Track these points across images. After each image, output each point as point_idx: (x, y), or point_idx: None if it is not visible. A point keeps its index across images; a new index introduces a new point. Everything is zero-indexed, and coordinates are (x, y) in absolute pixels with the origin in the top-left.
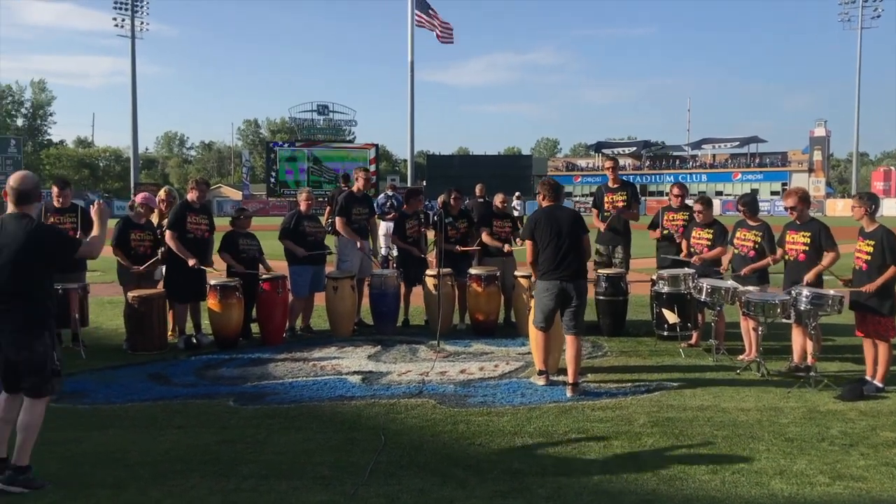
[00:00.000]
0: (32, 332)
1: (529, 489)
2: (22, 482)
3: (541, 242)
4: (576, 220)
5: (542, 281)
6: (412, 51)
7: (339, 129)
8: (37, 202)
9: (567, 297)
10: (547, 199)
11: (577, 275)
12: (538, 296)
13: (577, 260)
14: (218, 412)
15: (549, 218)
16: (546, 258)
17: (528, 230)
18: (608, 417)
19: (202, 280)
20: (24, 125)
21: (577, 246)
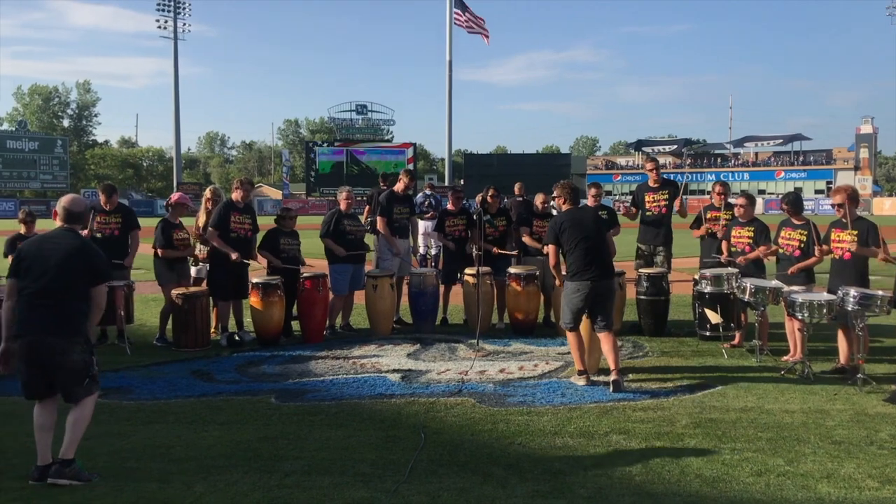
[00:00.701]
0: (69, 338)
1: (570, 489)
2: (69, 474)
3: (567, 245)
4: (598, 219)
5: (573, 282)
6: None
7: (377, 129)
8: (85, 224)
9: (597, 296)
10: (567, 203)
11: (605, 274)
12: (568, 296)
13: (604, 259)
14: (260, 409)
15: (573, 221)
16: (575, 260)
17: (553, 235)
18: (650, 418)
19: (245, 278)
20: (70, 126)
21: (602, 245)
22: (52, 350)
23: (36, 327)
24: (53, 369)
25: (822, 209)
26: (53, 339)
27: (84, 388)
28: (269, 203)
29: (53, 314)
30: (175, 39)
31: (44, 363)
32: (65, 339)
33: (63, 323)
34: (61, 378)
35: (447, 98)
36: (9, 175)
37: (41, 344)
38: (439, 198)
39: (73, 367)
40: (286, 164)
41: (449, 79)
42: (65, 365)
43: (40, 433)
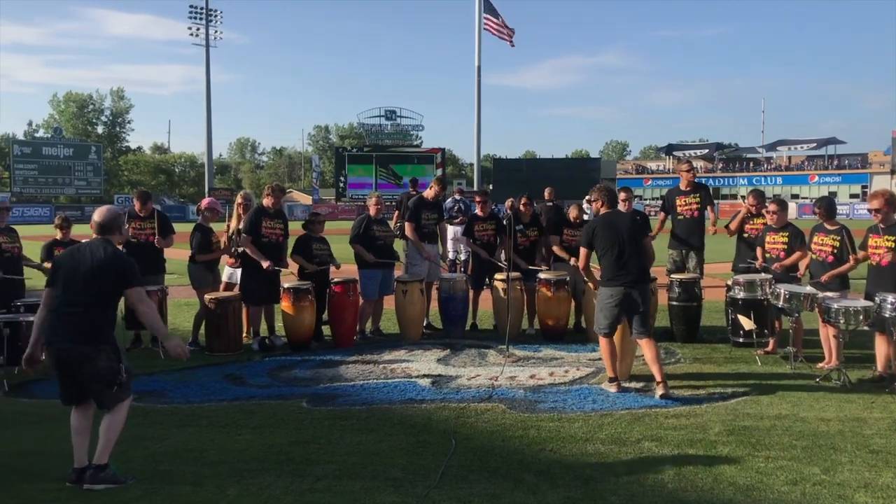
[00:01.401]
0: (95, 346)
1: (602, 496)
2: (103, 479)
3: (600, 249)
4: (634, 224)
5: (606, 287)
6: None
7: (406, 134)
8: (119, 233)
9: (632, 302)
10: (605, 206)
11: (640, 279)
12: (602, 302)
13: (639, 264)
14: (292, 413)
15: (606, 225)
16: (608, 265)
17: (586, 238)
18: (682, 425)
19: (276, 283)
20: (104, 132)
21: (637, 250)
22: (79, 358)
23: (63, 336)
24: (82, 377)
25: (857, 213)
26: (80, 348)
27: (113, 394)
28: (299, 208)
29: (80, 323)
30: (207, 47)
31: (72, 371)
32: (91, 347)
33: (89, 331)
34: (90, 385)
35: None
36: (44, 181)
37: (68, 352)
38: (469, 203)
39: (100, 374)
40: (316, 169)
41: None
42: (92, 372)
43: (77, 437)
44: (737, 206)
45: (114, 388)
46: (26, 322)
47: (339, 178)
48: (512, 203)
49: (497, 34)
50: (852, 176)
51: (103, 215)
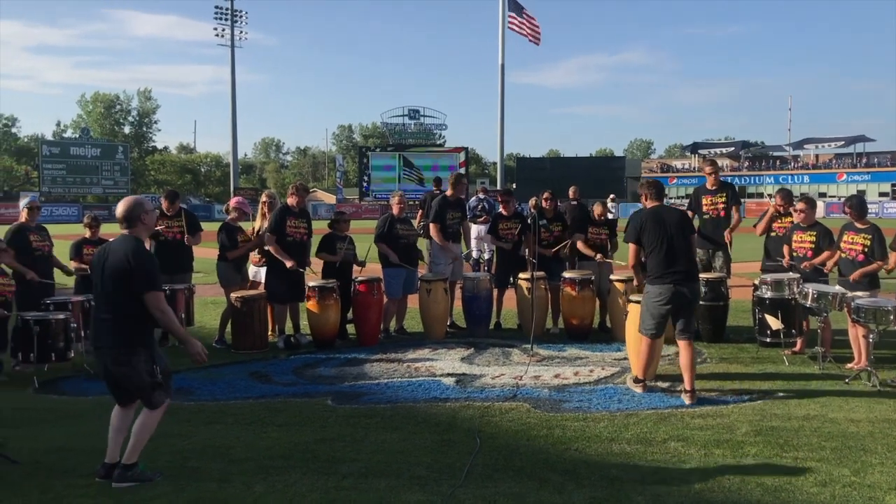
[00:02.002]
0: (130, 348)
1: (628, 496)
2: (130, 478)
3: (649, 245)
4: (683, 220)
5: (654, 286)
6: (503, 53)
7: (429, 133)
8: (142, 222)
9: (681, 301)
10: (651, 200)
11: (690, 277)
12: (648, 301)
13: (689, 261)
14: (317, 410)
15: (656, 219)
16: (656, 261)
17: (634, 233)
18: (709, 425)
19: (301, 282)
20: (131, 132)
21: (687, 246)
22: (115, 360)
23: (99, 339)
24: (118, 379)
25: (886, 212)
26: (113, 352)
27: (154, 395)
28: (322, 207)
29: (111, 325)
30: (232, 47)
31: (110, 372)
32: (124, 351)
33: (120, 336)
34: (129, 388)
35: (499, 102)
36: (72, 181)
37: (106, 354)
38: (493, 202)
39: (134, 377)
40: (340, 168)
41: (501, 83)
42: (126, 375)
43: (114, 433)
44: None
45: (153, 390)
46: (56, 320)
47: (363, 177)
48: (535, 201)
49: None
50: (882, 174)
51: (122, 207)
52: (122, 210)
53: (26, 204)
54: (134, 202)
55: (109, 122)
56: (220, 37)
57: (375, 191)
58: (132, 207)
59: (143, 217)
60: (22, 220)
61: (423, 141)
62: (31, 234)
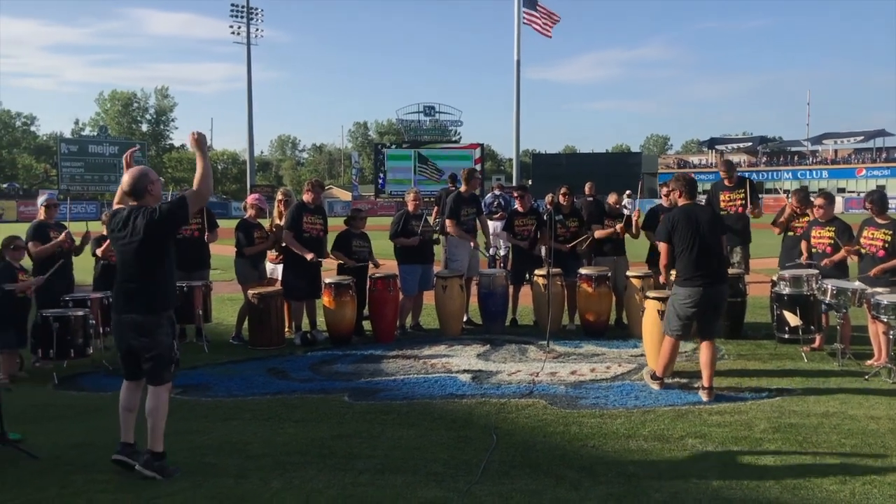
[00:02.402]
0: (154, 320)
1: (645, 493)
2: (156, 468)
3: (680, 245)
4: (715, 220)
5: (683, 287)
6: (518, 49)
7: (444, 130)
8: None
9: (709, 302)
10: (684, 197)
11: (719, 279)
12: (677, 302)
13: (719, 262)
14: (334, 407)
15: (688, 218)
16: (687, 262)
17: (665, 231)
18: (726, 422)
19: (318, 278)
20: (149, 130)
21: (717, 247)
22: (138, 327)
23: (123, 307)
24: (139, 348)
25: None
26: (138, 317)
27: (166, 370)
28: (338, 204)
29: (136, 291)
30: (248, 45)
31: (129, 342)
32: (150, 317)
33: (145, 300)
34: (147, 357)
35: (515, 98)
36: (90, 178)
37: (127, 322)
38: (508, 198)
39: (158, 346)
40: (355, 165)
41: (517, 79)
42: (149, 344)
43: (124, 413)
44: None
45: (163, 363)
46: (75, 317)
47: (378, 174)
48: (552, 197)
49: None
50: None
51: (128, 179)
52: (129, 182)
53: (44, 201)
54: (139, 173)
55: (127, 120)
56: (236, 35)
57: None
58: (138, 179)
59: (149, 188)
60: (41, 218)
61: (439, 138)
62: (51, 230)
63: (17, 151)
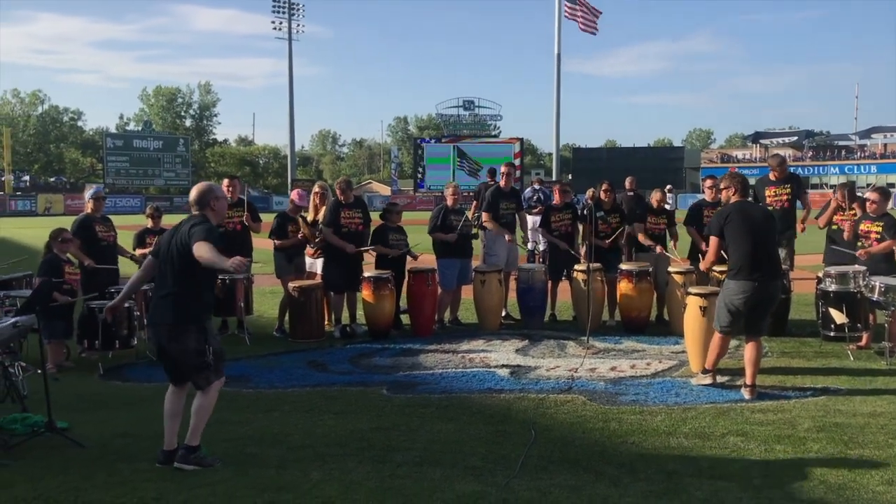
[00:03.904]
0: (183, 325)
1: (686, 490)
2: (194, 460)
3: (731, 240)
4: (768, 217)
5: (735, 281)
6: (559, 42)
7: (484, 124)
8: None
9: (759, 298)
10: (737, 195)
11: (773, 275)
12: (728, 297)
13: (772, 259)
14: (372, 399)
15: (741, 214)
16: (739, 257)
17: (717, 226)
18: (769, 420)
19: (357, 272)
20: (192, 125)
21: (771, 243)
22: (168, 337)
23: (154, 315)
24: (171, 356)
25: None
26: (169, 326)
27: (202, 376)
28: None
29: (168, 301)
30: (290, 40)
31: (164, 349)
32: (179, 327)
33: (175, 309)
34: (179, 364)
35: (555, 91)
36: (135, 173)
37: (161, 330)
38: (548, 192)
39: (186, 354)
40: (395, 160)
41: (557, 72)
42: (179, 351)
43: (168, 419)
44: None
45: (201, 369)
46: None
47: (418, 168)
48: (593, 192)
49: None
50: None
51: (194, 192)
52: (194, 194)
53: (92, 195)
54: (206, 187)
55: (171, 115)
56: (278, 30)
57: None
58: (203, 192)
59: (212, 203)
60: (87, 211)
61: (478, 132)
62: (97, 224)
63: (64, 146)
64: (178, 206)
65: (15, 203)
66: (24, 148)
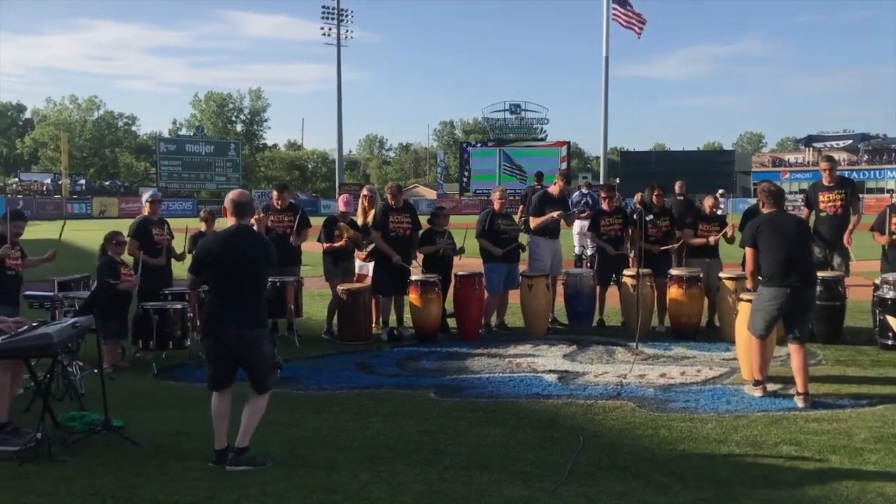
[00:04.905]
0: (260, 331)
1: (737, 499)
2: (245, 461)
3: (764, 249)
4: (801, 226)
5: (768, 287)
6: (607, 46)
7: (530, 128)
8: (249, 217)
9: (794, 305)
10: (768, 206)
11: (807, 282)
12: (762, 303)
13: (807, 266)
14: (420, 402)
15: (772, 224)
16: (772, 264)
17: (750, 237)
18: (824, 430)
19: (405, 275)
20: (243, 130)
21: (805, 251)
22: (248, 343)
23: (235, 322)
24: (249, 362)
25: None
26: (250, 333)
27: (270, 379)
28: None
29: (249, 310)
30: (338, 46)
31: (239, 356)
32: (258, 333)
33: (257, 316)
34: (255, 369)
35: (603, 95)
36: (187, 177)
37: (239, 338)
38: (596, 196)
39: (264, 357)
40: (441, 164)
41: (605, 75)
42: (258, 357)
43: (218, 420)
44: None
45: (274, 371)
46: (174, 310)
47: (463, 172)
48: (641, 197)
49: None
50: None
51: (238, 195)
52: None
53: (148, 198)
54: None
55: (222, 121)
56: (327, 36)
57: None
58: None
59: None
60: (144, 214)
61: (525, 136)
62: (153, 227)
63: (118, 150)
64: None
65: (71, 206)
66: (80, 152)
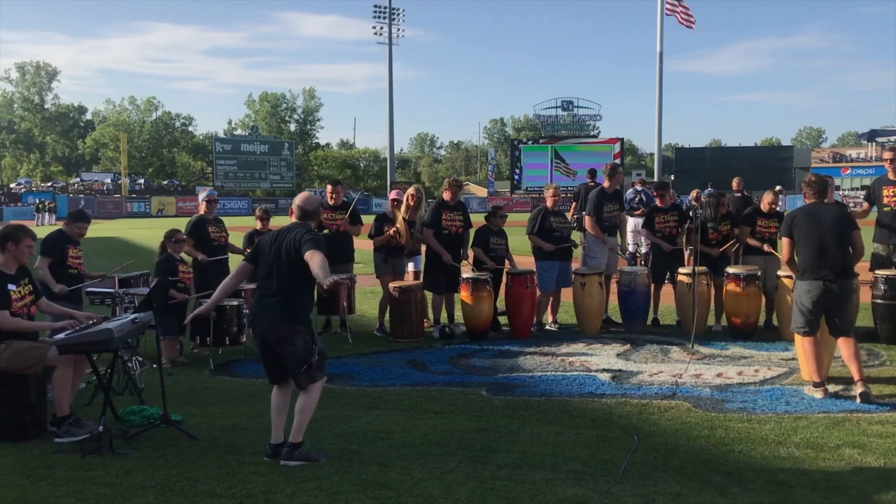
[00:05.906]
0: (293, 328)
1: (797, 502)
2: (299, 456)
3: (799, 240)
4: (841, 217)
5: (802, 281)
6: (661, 40)
7: (583, 125)
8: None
9: (830, 298)
10: (808, 197)
11: (840, 274)
12: (797, 297)
13: (841, 258)
14: (472, 400)
15: (808, 215)
16: (805, 256)
17: (786, 227)
18: (889, 433)
19: (457, 273)
20: (296, 130)
21: (840, 244)
22: (278, 338)
23: (264, 317)
24: (280, 357)
25: None
26: (278, 328)
27: (307, 375)
28: (474, 201)
29: (277, 303)
30: (389, 45)
31: (273, 351)
32: (289, 328)
33: (287, 313)
34: (287, 365)
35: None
36: (242, 176)
37: (270, 333)
38: (650, 194)
39: (295, 354)
40: (492, 162)
41: (659, 70)
42: (289, 352)
43: (276, 414)
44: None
45: (305, 369)
46: (230, 306)
47: (515, 170)
48: (698, 194)
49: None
50: None
51: (305, 201)
52: (305, 206)
53: (205, 197)
54: (318, 202)
55: (276, 120)
56: (379, 35)
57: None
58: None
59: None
60: (201, 212)
61: (577, 132)
62: (210, 225)
63: (176, 150)
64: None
65: (130, 205)
66: (139, 153)
